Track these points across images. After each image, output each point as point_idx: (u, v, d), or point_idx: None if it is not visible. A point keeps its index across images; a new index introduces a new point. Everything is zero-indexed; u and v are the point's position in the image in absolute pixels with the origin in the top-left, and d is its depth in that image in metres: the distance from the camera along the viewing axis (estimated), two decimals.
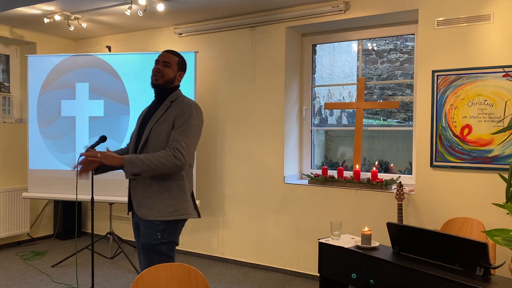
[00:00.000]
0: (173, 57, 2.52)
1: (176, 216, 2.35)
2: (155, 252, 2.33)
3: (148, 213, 2.33)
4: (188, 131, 2.35)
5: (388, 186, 3.78)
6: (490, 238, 2.18)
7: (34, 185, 4.79)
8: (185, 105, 2.41)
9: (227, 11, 4.33)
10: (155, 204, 2.33)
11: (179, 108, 2.40)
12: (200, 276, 1.90)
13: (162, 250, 2.34)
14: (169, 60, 2.49)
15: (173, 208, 2.35)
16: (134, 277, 2.27)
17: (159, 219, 2.32)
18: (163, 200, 2.34)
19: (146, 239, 2.33)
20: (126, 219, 5.31)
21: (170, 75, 2.48)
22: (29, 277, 4.11)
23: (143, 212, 2.34)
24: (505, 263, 2.27)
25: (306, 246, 4.12)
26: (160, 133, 2.36)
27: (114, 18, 4.63)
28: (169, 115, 2.39)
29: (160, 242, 2.32)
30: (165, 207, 2.33)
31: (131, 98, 4.59)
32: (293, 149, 4.42)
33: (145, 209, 2.34)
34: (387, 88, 5.23)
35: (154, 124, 2.39)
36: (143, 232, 2.36)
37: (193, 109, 2.40)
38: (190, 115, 2.37)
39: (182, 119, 2.35)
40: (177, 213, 2.36)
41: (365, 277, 2.48)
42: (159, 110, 2.44)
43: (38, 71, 4.77)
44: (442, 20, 3.45)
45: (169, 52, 2.54)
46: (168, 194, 2.35)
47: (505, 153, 3.20)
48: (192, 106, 2.42)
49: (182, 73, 2.57)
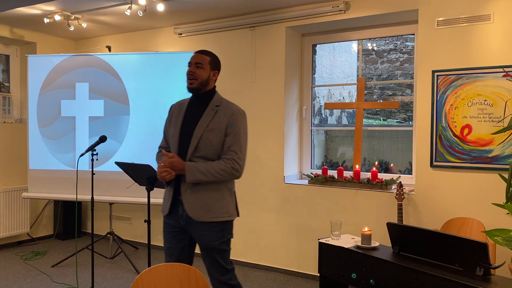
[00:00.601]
0: (205, 57, 2.49)
1: (227, 217, 2.46)
2: (217, 251, 2.44)
3: (203, 215, 2.39)
4: (242, 141, 2.43)
5: (388, 186, 3.78)
6: (490, 238, 2.18)
7: (34, 185, 4.80)
8: (235, 113, 2.45)
9: (227, 11, 4.33)
10: (209, 206, 2.40)
11: (230, 115, 2.43)
12: (200, 276, 1.90)
13: (224, 248, 2.46)
14: (200, 61, 2.46)
15: (225, 209, 2.45)
16: (134, 277, 2.28)
17: (214, 220, 2.40)
18: (216, 202, 2.42)
19: (206, 241, 2.43)
20: (126, 219, 5.32)
21: (204, 76, 2.46)
22: (29, 277, 4.11)
23: (198, 214, 2.39)
24: (505, 263, 2.27)
25: (306, 246, 4.12)
26: (213, 139, 2.40)
27: (114, 18, 4.63)
28: (220, 122, 2.42)
29: (221, 242, 2.44)
30: (219, 209, 2.42)
31: (131, 98, 4.59)
32: (293, 149, 4.42)
33: (200, 211, 2.39)
34: (387, 88, 5.23)
35: (204, 130, 2.40)
36: (201, 235, 2.43)
37: (242, 117, 2.47)
38: (242, 124, 2.45)
39: (235, 129, 2.41)
40: (227, 214, 2.46)
41: (365, 277, 2.48)
42: (206, 116, 2.44)
43: (38, 71, 4.77)
44: (442, 20, 3.45)
45: (200, 52, 2.51)
46: (220, 197, 2.44)
47: (505, 153, 3.20)
48: (240, 113, 2.47)
49: (216, 72, 2.54)
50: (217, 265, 2.45)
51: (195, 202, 2.40)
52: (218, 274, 2.46)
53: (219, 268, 2.45)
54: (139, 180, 3.25)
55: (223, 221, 2.44)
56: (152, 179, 3.08)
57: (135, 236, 5.24)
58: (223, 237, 2.44)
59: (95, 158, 3.50)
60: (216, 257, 2.44)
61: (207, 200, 2.40)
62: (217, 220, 2.41)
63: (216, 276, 2.47)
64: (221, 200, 2.43)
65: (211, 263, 2.45)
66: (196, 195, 2.40)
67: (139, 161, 3.24)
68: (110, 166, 4.53)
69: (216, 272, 2.46)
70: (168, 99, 4.47)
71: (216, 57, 2.57)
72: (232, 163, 2.37)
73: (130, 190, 4.22)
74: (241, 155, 2.41)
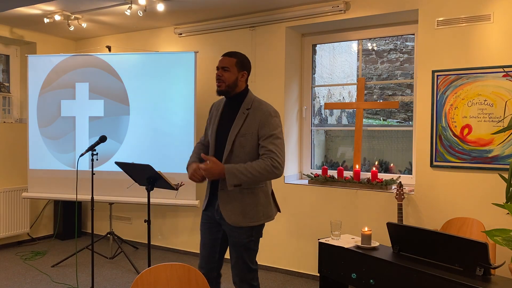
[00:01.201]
0: (230, 59, 2.49)
1: (263, 220, 2.52)
2: (245, 249, 2.50)
3: (241, 221, 2.46)
4: (278, 140, 2.42)
5: (388, 186, 3.78)
6: (490, 238, 2.18)
7: (34, 185, 4.80)
8: (265, 114, 2.44)
9: (227, 11, 4.33)
10: (246, 212, 2.46)
11: (260, 117, 2.44)
12: (200, 276, 1.90)
13: (251, 246, 2.51)
14: (226, 65, 2.48)
15: (261, 213, 2.50)
16: (134, 277, 2.28)
17: (250, 225, 2.47)
18: (253, 208, 2.47)
19: (237, 239, 2.49)
20: (126, 219, 5.32)
21: (231, 78, 2.48)
22: (29, 277, 4.11)
23: (236, 220, 2.45)
24: (505, 263, 2.27)
25: (306, 246, 4.12)
26: (245, 144, 2.43)
27: (114, 18, 4.63)
28: (250, 126, 2.44)
29: (250, 241, 2.49)
30: (255, 213, 2.47)
31: (131, 98, 4.59)
32: (293, 149, 4.42)
33: (238, 218, 2.45)
34: (387, 88, 5.23)
35: (236, 136, 2.44)
36: (232, 232, 2.49)
37: (274, 117, 2.46)
38: (275, 124, 2.44)
39: (269, 130, 2.41)
40: (264, 217, 2.52)
41: (365, 277, 2.48)
42: (238, 120, 2.47)
43: (38, 71, 4.77)
44: (442, 20, 3.45)
45: (226, 55, 2.52)
46: (256, 201, 2.48)
47: (505, 153, 3.20)
48: (271, 114, 2.46)
49: (245, 72, 2.53)
50: (243, 262, 2.50)
51: (233, 209, 2.46)
52: (242, 272, 2.51)
53: (244, 265, 2.51)
54: (139, 180, 3.25)
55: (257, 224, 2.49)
56: (152, 179, 3.09)
57: (135, 236, 5.24)
58: (252, 236, 2.49)
59: (95, 158, 3.50)
60: (243, 254, 2.49)
61: (244, 207, 2.46)
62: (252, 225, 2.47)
63: (239, 274, 2.52)
64: (257, 205, 2.48)
65: (237, 260, 2.51)
66: (233, 202, 2.46)
67: (139, 161, 3.24)
68: (110, 166, 4.53)
69: (240, 269, 2.51)
70: (168, 99, 4.48)
71: (244, 57, 2.55)
72: (271, 161, 2.36)
73: (130, 190, 4.22)
74: (279, 153, 2.39)
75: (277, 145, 2.40)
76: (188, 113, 4.40)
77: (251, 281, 2.52)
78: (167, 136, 4.45)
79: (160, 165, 3.53)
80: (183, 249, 4.90)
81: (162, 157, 4.43)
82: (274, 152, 2.37)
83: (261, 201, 2.49)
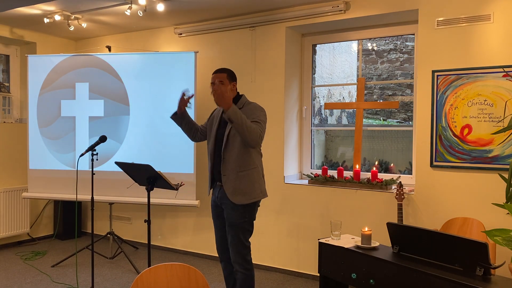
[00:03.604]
0: (222, 74, 3.00)
1: (261, 196, 3.00)
2: (241, 229, 2.96)
3: (242, 199, 2.92)
4: (261, 124, 2.90)
5: (388, 186, 3.78)
6: (490, 238, 2.18)
7: (34, 185, 4.80)
8: (252, 109, 2.95)
9: (227, 11, 4.33)
10: (246, 191, 2.92)
11: (248, 111, 2.91)
12: (200, 276, 1.90)
13: (245, 227, 2.98)
14: (221, 78, 2.97)
15: (258, 190, 2.98)
16: (134, 277, 2.28)
17: (250, 201, 2.93)
18: (251, 186, 2.94)
19: (233, 219, 2.95)
20: (126, 219, 5.32)
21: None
22: (29, 277, 4.11)
23: (238, 199, 2.91)
24: (505, 263, 2.27)
25: (306, 246, 4.12)
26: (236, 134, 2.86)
27: (114, 18, 4.63)
28: None
29: (245, 221, 2.96)
30: (252, 191, 2.94)
31: (131, 98, 4.59)
32: (293, 149, 4.42)
33: (239, 196, 2.91)
34: (387, 88, 5.23)
35: (230, 129, 2.92)
36: (230, 214, 2.96)
37: (260, 111, 2.96)
38: (259, 112, 2.95)
39: (253, 115, 2.89)
40: (261, 193, 3.01)
41: (365, 277, 2.48)
42: None
43: (38, 71, 4.77)
44: (442, 20, 3.45)
45: (218, 72, 3.02)
46: (252, 180, 2.95)
47: (505, 153, 3.20)
48: (258, 108, 2.98)
49: (235, 83, 3.05)
50: (239, 240, 2.95)
51: (234, 190, 2.92)
52: (238, 248, 2.96)
53: (240, 243, 2.96)
54: (139, 180, 3.25)
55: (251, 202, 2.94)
56: (152, 179, 3.10)
57: (135, 236, 5.24)
58: (246, 217, 2.96)
59: (95, 158, 3.50)
60: (239, 233, 2.95)
61: (243, 186, 2.92)
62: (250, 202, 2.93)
63: (235, 249, 2.97)
64: (254, 183, 2.95)
65: (233, 238, 2.96)
66: (234, 184, 2.91)
67: (139, 161, 3.24)
68: (110, 166, 4.53)
69: (235, 245, 2.96)
70: (168, 99, 4.48)
71: (231, 70, 3.07)
72: (260, 129, 2.86)
73: (130, 190, 4.23)
74: (262, 130, 2.88)
75: (261, 126, 2.89)
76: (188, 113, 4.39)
77: (246, 256, 2.99)
78: (167, 136, 4.45)
79: (160, 165, 3.54)
80: (183, 249, 4.90)
81: (162, 157, 4.44)
82: (261, 126, 2.88)
83: (256, 179, 2.97)
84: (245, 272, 2.98)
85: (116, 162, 3.26)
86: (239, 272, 2.98)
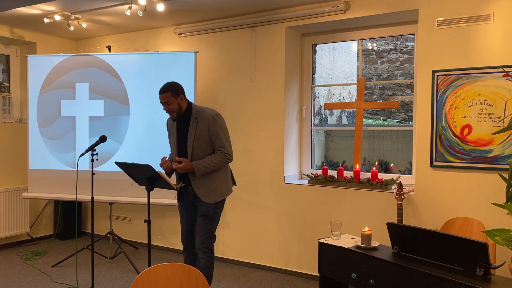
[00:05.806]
0: (166, 94, 3.09)
1: (228, 193, 3.26)
2: (211, 219, 3.19)
3: (213, 198, 3.16)
4: (223, 136, 3.15)
5: (388, 186, 3.78)
6: (490, 238, 2.18)
7: (34, 185, 4.80)
8: (210, 119, 3.11)
9: (227, 11, 4.33)
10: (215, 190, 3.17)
11: (207, 122, 3.11)
12: (200, 276, 1.90)
13: (215, 217, 3.23)
14: (165, 100, 3.10)
15: (226, 188, 3.25)
16: (134, 277, 2.28)
17: (219, 199, 3.19)
18: (219, 185, 3.20)
19: (204, 211, 3.17)
20: (126, 219, 5.32)
21: (175, 107, 3.11)
22: (29, 277, 4.11)
23: (210, 198, 3.15)
24: (505, 263, 2.26)
25: (306, 246, 4.12)
26: (201, 145, 3.13)
27: (114, 18, 4.63)
28: (202, 130, 3.12)
29: (215, 212, 3.21)
30: (222, 188, 3.22)
31: (131, 98, 4.59)
32: (293, 149, 4.42)
33: (210, 196, 3.15)
34: (387, 88, 5.23)
35: (193, 141, 3.13)
36: (203, 207, 3.17)
37: (216, 120, 3.14)
38: (218, 125, 3.14)
39: (215, 131, 3.12)
40: (228, 191, 3.28)
41: (365, 277, 2.48)
42: (191, 129, 3.14)
43: (38, 71, 4.77)
44: (442, 20, 3.45)
45: (161, 93, 3.11)
46: (220, 180, 3.20)
47: (505, 153, 3.20)
48: (214, 117, 3.13)
49: (182, 95, 3.15)
50: (206, 229, 3.18)
51: (205, 190, 3.15)
52: (204, 237, 3.17)
53: (207, 232, 3.18)
54: (139, 180, 3.25)
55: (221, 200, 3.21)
56: (152, 179, 3.10)
57: (135, 236, 5.24)
58: (217, 209, 3.21)
59: (95, 158, 3.50)
60: (208, 224, 3.18)
61: (213, 187, 3.16)
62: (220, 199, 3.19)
63: (202, 238, 3.17)
64: (222, 182, 3.22)
65: (202, 227, 3.17)
66: (204, 185, 3.15)
67: (139, 161, 3.24)
68: (110, 166, 4.53)
69: (204, 236, 3.17)
70: None
71: (174, 85, 3.15)
72: (223, 155, 3.15)
73: (130, 190, 4.22)
74: (227, 146, 3.16)
75: (225, 140, 3.15)
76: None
77: (210, 245, 3.20)
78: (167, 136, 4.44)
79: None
80: None
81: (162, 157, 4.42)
82: (224, 147, 3.14)
83: (223, 179, 3.23)
84: (209, 260, 3.18)
85: (116, 162, 3.26)
86: (203, 259, 3.16)
